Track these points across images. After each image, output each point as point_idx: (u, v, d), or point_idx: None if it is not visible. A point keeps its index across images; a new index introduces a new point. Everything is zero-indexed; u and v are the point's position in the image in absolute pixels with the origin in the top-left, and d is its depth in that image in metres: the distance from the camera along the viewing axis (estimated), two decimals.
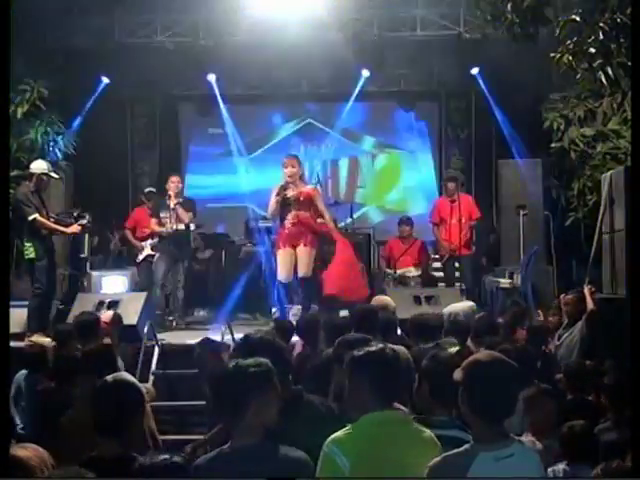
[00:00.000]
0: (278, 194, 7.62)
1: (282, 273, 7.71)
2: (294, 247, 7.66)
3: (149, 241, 9.12)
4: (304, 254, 7.64)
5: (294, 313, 7.47)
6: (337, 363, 3.55)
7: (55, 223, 7.75)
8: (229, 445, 2.72)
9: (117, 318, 6.24)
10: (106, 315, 6.22)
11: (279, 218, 7.82)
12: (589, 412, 4.07)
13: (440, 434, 2.88)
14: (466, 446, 2.60)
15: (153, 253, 9.00)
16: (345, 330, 4.70)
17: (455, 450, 2.62)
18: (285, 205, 7.67)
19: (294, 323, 5.93)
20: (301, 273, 7.66)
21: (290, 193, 7.61)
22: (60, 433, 3.70)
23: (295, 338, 5.70)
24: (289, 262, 7.68)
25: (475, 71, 10.00)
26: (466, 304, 6.36)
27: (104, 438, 2.93)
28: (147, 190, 8.80)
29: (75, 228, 7.87)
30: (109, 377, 3.17)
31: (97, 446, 2.94)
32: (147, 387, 4.31)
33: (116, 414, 2.94)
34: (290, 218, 7.65)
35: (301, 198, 7.65)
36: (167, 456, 2.54)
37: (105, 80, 10.06)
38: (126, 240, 9.95)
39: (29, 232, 7.43)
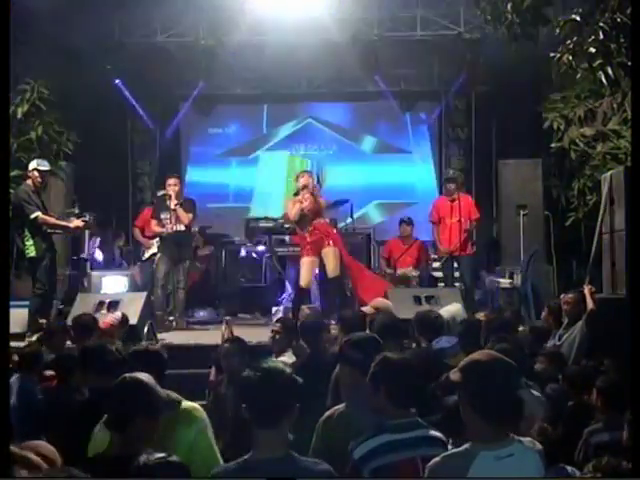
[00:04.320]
0: (300, 207, 7.89)
1: (305, 279, 7.95)
2: (318, 253, 7.90)
3: (156, 240, 9.15)
4: (330, 254, 7.87)
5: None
6: (342, 362, 3.57)
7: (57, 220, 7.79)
8: (251, 455, 2.59)
9: (125, 320, 6.25)
10: (114, 317, 6.23)
11: (298, 225, 8.08)
12: (586, 416, 4.05)
13: (406, 437, 2.88)
14: (466, 445, 2.58)
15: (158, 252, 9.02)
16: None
17: (454, 450, 2.60)
18: (303, 216, 7.92)
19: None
20: (330, 274, 7.91)
21: (307, 206, 7.83)
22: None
23: None
24: (312, 269, 7.97)
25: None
26: (456, 307, 6.37)
27: (113, 435, 2.92)
28: (160, 193, 8.85)
29: (78, 223, 7.89)
30: (126, 375, 3.14)
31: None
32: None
33: (122, 412, 2.90)
34: (309, 228, 7.92)
35: (318, 210, 7.94)
36: (163, 455, 2.48)
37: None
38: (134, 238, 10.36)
39: (30, 230, 7.44)
